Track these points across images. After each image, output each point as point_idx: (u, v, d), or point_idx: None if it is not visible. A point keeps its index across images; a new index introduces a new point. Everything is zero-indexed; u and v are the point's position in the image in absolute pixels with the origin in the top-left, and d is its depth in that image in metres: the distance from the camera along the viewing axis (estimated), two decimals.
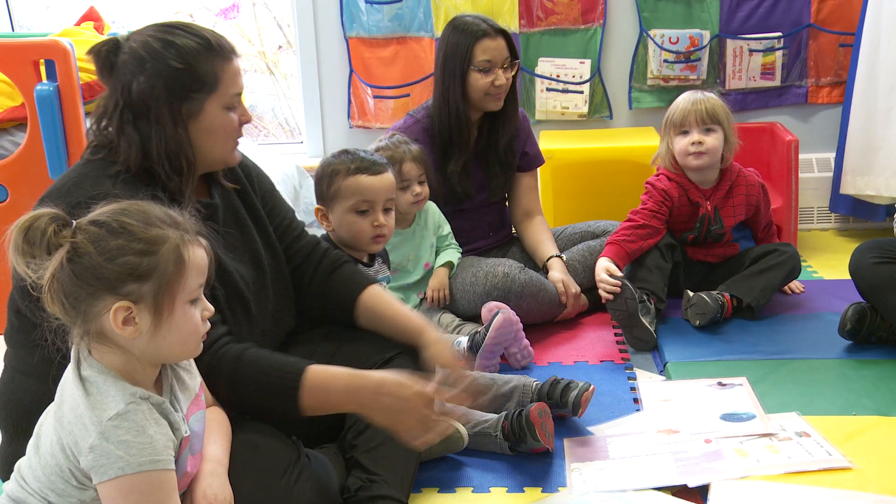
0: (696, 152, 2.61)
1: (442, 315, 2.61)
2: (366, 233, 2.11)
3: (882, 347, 2.37)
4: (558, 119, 3.68)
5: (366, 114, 3.77)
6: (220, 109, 1.63)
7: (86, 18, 3.43)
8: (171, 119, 1.58)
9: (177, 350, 1.33)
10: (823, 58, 3.56)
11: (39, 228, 1.23)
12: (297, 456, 1.57)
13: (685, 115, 2.62)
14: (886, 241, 2.44)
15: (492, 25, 2.65)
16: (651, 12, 3.57)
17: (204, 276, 1.33)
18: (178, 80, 1.57)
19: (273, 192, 1.92)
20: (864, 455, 1.84)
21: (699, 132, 2.61)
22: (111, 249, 1.23)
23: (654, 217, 2.66)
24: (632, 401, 2.18)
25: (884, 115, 3.21)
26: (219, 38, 1.64)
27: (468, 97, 2.66)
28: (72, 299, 1.24)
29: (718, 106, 2.63)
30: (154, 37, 1.59)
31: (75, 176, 1.58)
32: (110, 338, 1.28)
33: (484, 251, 2.87)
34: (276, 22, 4.44)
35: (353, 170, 2.09)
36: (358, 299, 1.88)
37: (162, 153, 1.58)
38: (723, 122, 2.63)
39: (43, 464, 1.30)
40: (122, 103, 1.58)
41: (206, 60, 1.59)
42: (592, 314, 2.79)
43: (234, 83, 1.64)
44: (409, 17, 3.64)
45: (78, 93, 2.78)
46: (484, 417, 1.97)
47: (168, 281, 1.26)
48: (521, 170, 2.88)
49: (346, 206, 2.10)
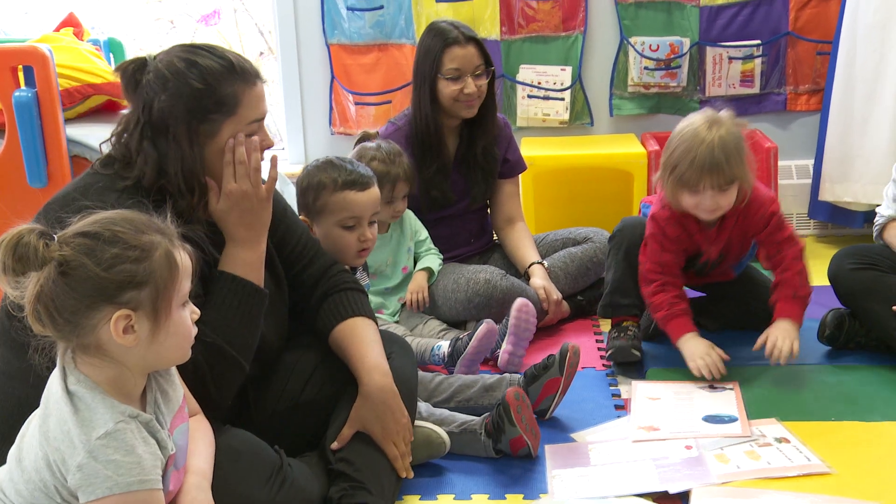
0: (710, 211, 2.21)
1: (428, 321, 2.61)
2: (352, 247, 2.10)
3: (860, 353, 2.39)
4: (539, 126, 3.69)
5: (347, 120, 3.77)
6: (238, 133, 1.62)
7: (65, 24, 3.40)
8: (188, 139, 1.58)
9: (172, 353, 1.33)
10: (802, 65, 3.59)
11: (30, 244, 1.21)
12: (279, 464, 1.57)
13: (700, 178, 2.13)
14: (864, 247, 2.47)
15: (463, 33, 2.64)
16: (631, 20, 3.59)
17: (191, 280, 1.33)
18: (198, 100, 1.58)
19: (284, 215, 1.87)
20: (843, 460, 1.85)
21: (714, 192, 2.16)
22: (107, 259, 1.23)
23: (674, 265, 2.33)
24: (613, 407, 2.19)
25: (861, 122, 3.25)
26: (242, 62, 1.64)
27: (439, 104, 2.67)
28: (67, 313, 1.22)
29: (734, 153, 2.14)
30: (179, 56, 1.60)
31: (82, 186, 1.58)
32: (105, 349, 1.26)
33: (465, 258, 2.87)
34: (257, 28, 4.42)
35: (341, 185, 2.07)
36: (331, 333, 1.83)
37: (178, 172, 1.58)
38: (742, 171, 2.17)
39: (26, 479, 1.28)
40: (143, 121, 1.59)
41: (228, 83, 1.60)
42: (574, 320, 2.79)
43: (256, 108, 1.64)
44: (390, 24, 3.64)
45: (57, 99, 2.76)
46: (469, 418, 1.97)
47: (165, 285, 1.27)
48: (503, 176, 2.89)
49: (333, 221, 2.09)
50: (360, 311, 1.85)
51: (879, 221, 2.47)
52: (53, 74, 2.75)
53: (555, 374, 2.08)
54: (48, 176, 2.76)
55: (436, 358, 2.39)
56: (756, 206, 2.27)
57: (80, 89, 3.00)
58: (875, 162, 3.19)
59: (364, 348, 1.77)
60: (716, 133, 2.12)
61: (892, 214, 2.43)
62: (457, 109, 2.68)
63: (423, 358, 2.40)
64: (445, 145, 2.75)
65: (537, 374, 2.10)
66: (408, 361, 1.87)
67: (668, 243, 2.30)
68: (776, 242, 2.29)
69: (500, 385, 2.13)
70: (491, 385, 2.14)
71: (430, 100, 2.66)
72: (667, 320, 2.28)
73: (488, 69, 2.68)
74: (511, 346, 2.39)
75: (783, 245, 2.29)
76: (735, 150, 2.13)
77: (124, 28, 4.05)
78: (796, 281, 2.26)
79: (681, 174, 2.15)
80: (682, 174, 2.14)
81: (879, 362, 2.34)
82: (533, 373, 2.11)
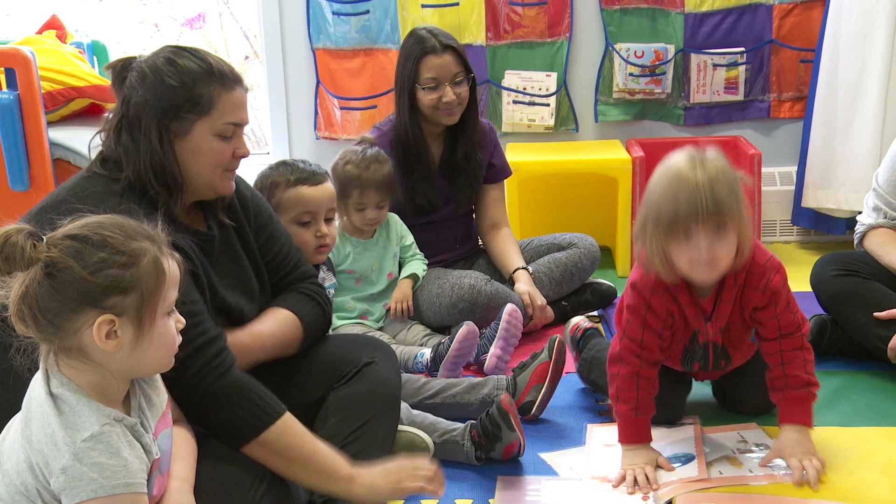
0: (707, 263, 1.77)
1: (412, 326, 2.61)
2: (309, 244, 2.12)
3: (842, 359, 2.41)
4: (525, 131, 3.70)
5: (332, 125, 3.76)
6: (210, 134, 1.63)
7: (48, 27, 3.39)
8: (158, 134, 1.60)
9: (155, 362, 1.32)
10: (785, 73, 3.62)
11: (17, 245, 1.21)
12: (262, 471, 1.56)
13: (690, 220, 1.72)
14: (846, 253, 2.48)
15: (440, 41, 2.63)
16: (617, 26, 3.61)
17: (177, 289, 1.33)
18: (171, 97, 1.59)
19: (269, 223, 1.87)
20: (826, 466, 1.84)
21: (710, 238, 1.73)
22: (94, 263, 1.22)
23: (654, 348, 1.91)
24: (597, 412, 2.19)
25: (843, 130, 3.27)
26: (223, 66, 1.65)
27: (419, 112, 2.67)
28: (51, 315, 1.22)
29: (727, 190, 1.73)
30: (163, 56, 1.63)
31: (79, 190, 1.58)
32: (87, 353, 1.26)
33: (450, 263, 2.87)
34: (242, 32, 4.42)
35: (293, 181, 2.10)
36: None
37: (147, 165, 1.59)
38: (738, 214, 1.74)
39: (7, 482, 1.27)
40: (122, 115, 1.62)
41: (204, 84, 1.61)
42: (558, 326, 2.79)
43: (232, 112, 1.64)
44: (376, 29, 3.64)
45: (39, 102, 2.74)
46: (451, 426, 1.97)
47: (150, 293, 1.26)
48: (488, 182, 2.89)
49: (288, 218, 2.11)
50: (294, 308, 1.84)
51: (860, 230, 2.49)
52: (36, 77, 2.73)
53: (544, 359, 2.10)
54: (30, 179, 2.75)
55: (419, 365, 2.39)
56: (758, 272, 1.86)
57: (63, 92, 2.98)
58: (857, 169, 3.22)
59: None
60: (703, 172, 1.72)
61: (872, 223, 2.44)
62: (437, 117, 2.68)
63: (407, 366, 2.40)
64: (429, 152, 2.75)
65: (526, 363, 2.13)
66: (392, 368, 1.86)
67: (651, 318, 1.87)
68: (780, 325, 1.88)
69: (486, 383, 2.14)
70: (478, 383, 2.15)
71: (410, 108, 2.67)
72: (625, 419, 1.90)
73: (468, 76, 2.68)
74: (499, 351, 2.39)
75: (787, 328, 1.88)
76: (729, 188, 1.73)
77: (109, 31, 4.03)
78: (803, 376, 1.87)
79: (667, 222, 1.73)
80: (668, 222, 1.73)
81: (861, 368, 2.35)
82: (521, 364, 2.14)
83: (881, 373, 2.30)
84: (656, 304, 1.87)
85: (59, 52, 3.10)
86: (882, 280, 2.34)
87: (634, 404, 1.87)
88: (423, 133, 2.72)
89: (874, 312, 2.27)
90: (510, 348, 2.42)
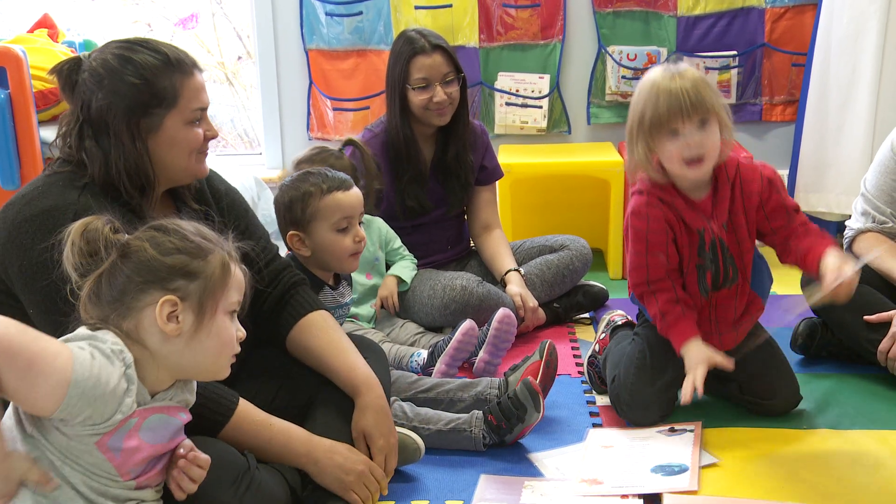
0: (693, 159, 1.91)
1: (405, 324, 2.61)
2: (348, 250, 2.09)
3: (832, 362, 2.42)
4: (517, 133, 3.70)
5: (325, 126, 3.76)
6: (182, 124, 1.63)
7: (39, 25, 3.38)
8: (130, 135, 1.59)
9: (209, 360, 1.35)
10: (777, 76, 3.63)
11: (97, 229, 1.30)
12: (246, 467, 1.57)
13: (669, 108, 1.87)
14: None
15: (429, 41, 2.64)
16: (609, 29, 3.61)
17: (241, 296, 1.38)
18: (136, 96, 1.58)
19: (245, 215, 1.88)
20: (815, 468, 1.86)
21: (692, 128, 1.89)
22: (165, 245, 1.31)
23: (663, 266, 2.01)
24: (588, 414, 2.19)
25: (835, 133, 3.29)
26: (178, 53, 1.63)
27: (410, 113, 2.67)
28: (118, 292, 1.28)
29: (702, 83, 1.91)
30: (114, 54, 1.60)
31: (41, 185, 1.59)
32: (143, 337, 1.29)
33: (442, 265, 2.87)
34: (235, 32, 4.41)
35: (327, 189, 2.07)
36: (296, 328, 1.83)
37: (122, 169, 1.59)
38: (715, 106, 1.91)
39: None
40: (82, 119, 1.60)
41: (165, 76, 1.60)
42: (550, 328, 2.80)
43: (197, 98, 1.64)
44: (369, 30, 3.64)
45: (31, 101, 2.74)
46: (456, 416, 1.99)
47: (214, 285, 1.31)
48: (480, 183, 2.89)
49: (328, 226, 2.07)
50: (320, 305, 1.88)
51: (849, 234, 2.50)
52: (27, 76, 2.73)
53: (534, 359, 2.11)
54: (21, 178, 2.74)
55: (414, 365, 2.39)
56: (749, 171, 2.02)
57: (55, 91, 2.96)
58: (848, 172, 3.23)
59: (348, 358, 1.79)
60: (680, 78, 1.88)
61: (861, 227, 2.45)
62: (428, 117, 2.68)
63: (401, 365, 2.40)
64: (420, 153, 2.75)
65: (517, 366, 2.15)
66: (381, 368, 1.87)
67: (653, 237, 1.98)
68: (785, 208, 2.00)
69: (479, 383, 2.14)
70: (470, 383, 2.15)
71: (401, 109, 2.67)
72: (666, 330, 2.01)
73: (458, 75, 2.68)
74: (488, 356, 2.39)
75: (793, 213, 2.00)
76: (706, 85, 1.90)
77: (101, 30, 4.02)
78: (820, 234, 1.99)
79: (654, 123, 1.89)
80: (655, 122, 1.89)
81: (851, 371, 2.36)
82: (513, 366, 2.16)
83: (871, 376, 2.31)
84: (654, 214, 1.97)
85: (50, 51, 3.09)
86: (872, 284, 2.34)
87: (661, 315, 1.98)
88: (414, 134, 2.72)
89: (864, 316, 2.28)
90: (500, 353, 2.42)
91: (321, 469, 1.66)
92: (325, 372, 1.79)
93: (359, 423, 1.74)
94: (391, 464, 1.75)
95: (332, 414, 1.76)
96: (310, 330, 1.82)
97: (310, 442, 1.67)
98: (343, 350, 1.80)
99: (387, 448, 1.74)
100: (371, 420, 1.73)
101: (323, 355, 1.80)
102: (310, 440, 1.67)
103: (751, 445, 1.98)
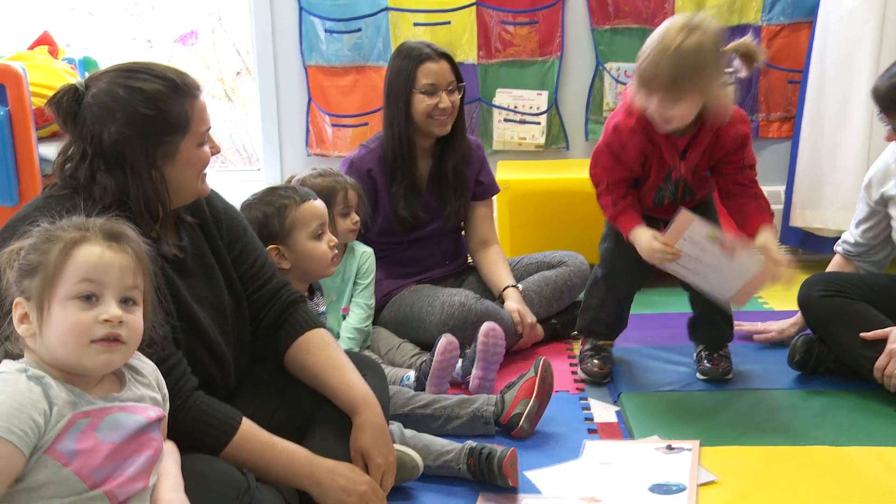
0: (663, 120, 2.12)
1: (401, 345, 2.61)
2: (327, 254, 2.17)
3: (829, 378, 2.42)
4: (515, 149, 3.72)
5: (324, 142, 3.77)
6: (194, 147, 1.63)
7: (39, 42, 3.39)
8: (147, 165, 1.58)
9: (59, 351, 1.29)
10: (773, 93, 3.65)
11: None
12: (246, 487, 1.56)
13: (655, 74, 2.03)
14: (833, 274, 2.51)
15: (434, 49, 2.69)
16: (607, 45, 3.64)
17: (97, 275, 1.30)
18: (151, 126, 1.57)
19: (244, 234, 1.87)
20: (812, 484, 1.86)
21: (666, 100, 2.05)
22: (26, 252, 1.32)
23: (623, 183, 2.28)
24: (586, 431, 2.19)
25: (830, 150, 3.30)
26: (184, 77, 1.63)
27: (413, 121, 2.69)
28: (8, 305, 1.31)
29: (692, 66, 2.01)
30: (118, 84, 1.57)
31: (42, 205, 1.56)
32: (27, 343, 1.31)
33: (440, 280, 2.87)
34: (234, 48, 4.43)
35: (300, 199, 2.17)
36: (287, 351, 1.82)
37: (140, 199, 1.58)
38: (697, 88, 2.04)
39: None
40: (92, 152, 1.57)
41: (176, 102, 1.59)
42: (548, 344, 2.80)
43: (203, 119, 1.65)
44: (368, 47, 3.66)
45: (30, 118, 2.75)
46: (446, 448, 1.97)
47: (50, 275, 1.29)
48: (476, 198, 2.90)
49: (307, 234, 2.15)
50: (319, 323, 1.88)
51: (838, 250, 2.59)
52: (27, 93, 2.74)
53: (529, 375, 2.13)
54: (20, 195, 2.75)
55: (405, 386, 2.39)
56: (728, 122, 2.18)
57: None
58: (844, 189, 3.24)
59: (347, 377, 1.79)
60: (685, 40, 1.99)
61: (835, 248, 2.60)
62: (430, 126, 2.70)
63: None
64: (417, 164, 2.77)
65: (513, 383, 2.17)
66: (380, 386, 1.87)
67: (624, 155, 2.20)
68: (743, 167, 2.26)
69: (476, 399, 2.15)
70: (467, 399, 2.16)
71: (405, 116, 2.68)
72: (616, 217, 2.27)
73: (460, 85, 2.71)
74: (481, 371, 2.39)
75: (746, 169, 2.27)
76: (694, 65, 2.00)
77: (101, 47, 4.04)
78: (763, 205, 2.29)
79: (640, 72, 2.06)
80: (640, 72, 2.06)
81: (848, 387, 2.36)
82: (509, 384, 2.18)
83: (868, 392, 2.31)
84: (633, 142, 2.18)
85: (50, 68, 3.11)
86: (868, 300, 2.35)
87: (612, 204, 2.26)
88: (415, 144, 2.73)
89: (861, 333, 2.29)
90: (492, 367, 2.41)
91: (324, 490, 1.65)
92: (323, 390, 1.79)
93: (357, 441, 1.74)
94: (388, 482, 1.75)
95: (331, 433, 1.76)
96: (308, 348, 1.82)
97: (312, 463, 1.66)
98: (341, 368, 1.80)
99: (385, 466, 1.73)
100: (369, 438, 1.73)
101: (321, 373, 1.80)
102: (312, 461, 1.66)
103: (748, 463, 1.98)
